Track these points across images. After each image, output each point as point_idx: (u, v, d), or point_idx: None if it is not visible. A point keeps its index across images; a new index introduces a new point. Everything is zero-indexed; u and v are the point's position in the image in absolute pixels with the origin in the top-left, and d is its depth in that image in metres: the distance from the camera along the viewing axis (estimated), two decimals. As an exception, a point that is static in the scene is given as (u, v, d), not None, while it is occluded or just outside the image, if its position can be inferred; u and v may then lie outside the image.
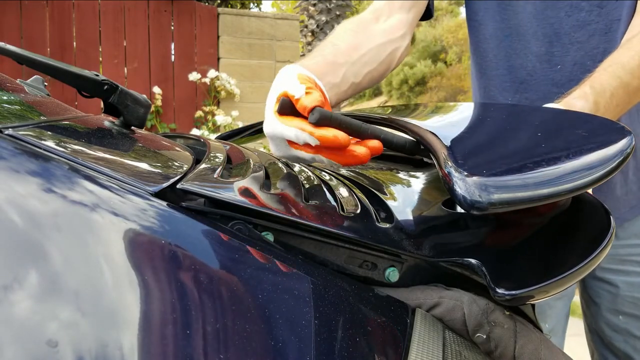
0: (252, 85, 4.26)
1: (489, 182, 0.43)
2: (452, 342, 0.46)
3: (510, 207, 0.44)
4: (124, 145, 0.58)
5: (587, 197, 0.58)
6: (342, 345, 0.38)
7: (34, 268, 0.32)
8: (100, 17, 3.83)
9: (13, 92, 0.68)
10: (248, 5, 5.50)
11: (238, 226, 0.47)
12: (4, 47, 0.63)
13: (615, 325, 1.15)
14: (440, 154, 0.51)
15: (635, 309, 1.11)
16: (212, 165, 0.56)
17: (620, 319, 1.14)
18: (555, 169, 0.46)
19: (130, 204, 0.40)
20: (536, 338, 0.49)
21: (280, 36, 4.36)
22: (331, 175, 0.70)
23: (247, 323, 0.35)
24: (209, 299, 0.35)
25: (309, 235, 0.50)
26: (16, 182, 0.37)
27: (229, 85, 4.06)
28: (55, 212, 0.36)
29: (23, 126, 0.47)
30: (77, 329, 0.30)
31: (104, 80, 0.63)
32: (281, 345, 0.35)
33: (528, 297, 0.44)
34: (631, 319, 1.13)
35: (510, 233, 0.59)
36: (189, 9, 4.09)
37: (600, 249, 0.46)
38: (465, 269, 0.52)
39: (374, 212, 0.56)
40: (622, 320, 1.14)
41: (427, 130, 0.58)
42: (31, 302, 0.30)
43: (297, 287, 0.41)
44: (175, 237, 0.40)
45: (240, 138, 1.13)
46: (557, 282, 0.44)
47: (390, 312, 0.47)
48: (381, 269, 0.52)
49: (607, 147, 0.50)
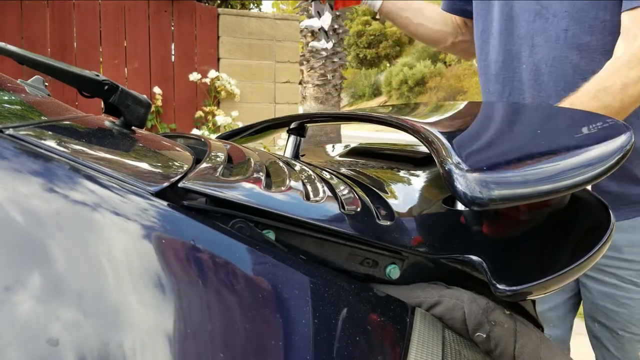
0: (252, 85, 4.26)
1: (490, 178, 0.44)
2: (452, 341, 0.46)
3: (511, 203, 0.44)
4: (125, 145, 0.59)
5: (587, 193, 0.58)
6: (342, 345, 0.38)
7: (34, 267, 0.32)
8: (101, 17, 3.83)
9: (14, 92, 0.68)
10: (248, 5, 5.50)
11: (239, 225, 0.47)
12: (4, 47, 0.63)
13: (592, 332, 1.15)
14: (440, 150, 0.51)
15: (607, 319, 1.09)
16: (213, 165, 0.56)
17: (595, 326, 1.13)
18: (555, 165, 0.46)
19: (131, 204, 0.40)
20: (536, 338, 0.49)
21: (280, 37, 4.36)
22: (332, 173, 0.70)
23: (247, 322, 0.35)
24: (209, 297, 0.35)
25: (310, 234, 0.50)
26: (17, 182, 0.37)
27: (229, 86, 4.06)
28: (55, 211, 0.36)
29: (24, 126, 0.48)
30: (77, 328, 0.30)
31: (104, 81, 0.63)
32: (281, 344, 0.35)
33: (528, 292, 0.44)
34: (602, 328, 1.11)
35: (511, 229, 0.59)
36: (189, 9, 4.09)
37: (599, 245, 0.47)
38: (466, 266, 0.52)
39: (375, 210, 0.56)
40: (597, 328, 1.13)
41: (428, 128, 0.59)
42: (32, 299, 0.30)
43: (298, 286, 0.42)
44: (176, 236, 0.40)
45: (240, 138, 1.13)
46: (557, 278, 0.44)
47: (390, 311, 0.47)
48: (382, 267, 0.53)
49: (607, 144, 0.50)
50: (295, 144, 1.02)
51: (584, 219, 0.56)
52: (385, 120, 0.72)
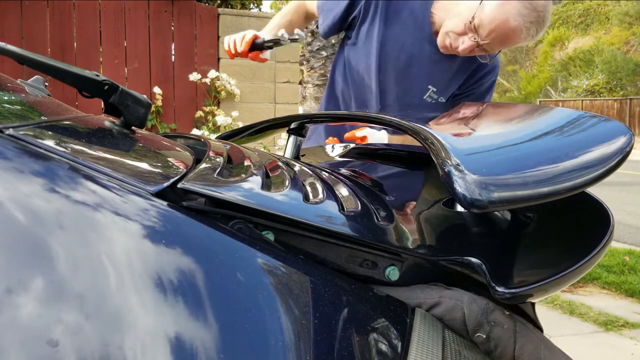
0: (252, 85, 4.26)
1: (489, 180, 0.43)
2: (452, 342, 0.46)
3: (510, 205, 0.44)
4: (125, 145, 0.59)
5: (587, 195, 0.58)
6: (342, 345, 0.38)
7: (33, 267, 0.32)
8: (101, 17, 3.83)
9: (14, 92, 0.68)
10: (248, 5, 5.50)
11: (239, 225, 0.47)
12: (4, 47, 0.63)
13: None
14: (440, 152, 0.51)
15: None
16: (213, 165, 0.56)
17: None
18: (555, 167, 0.46)
19: (130, 204, 0.40)
20: (536, 338, 0.49)
21: (280, 36, 4.35)
22: (331, 174, 0.70)
23: (247, 322, 0.35)
24: (209, 298, 0.35)
25: (309, 235, 0.50)
26: (17, 182, 0.37)
27: (229, 86, 4.05)
28: (55, 211, 0.36)
29: (24, 126, 0.47)
30: (77, 327, 0.30)
31: (104, 81, 0.63)
32: (281, 344, 0.35)
33: (528, 295, 0.44)
34: None
35: (510, 232, 0.59)
36: (189, 9, 4.08)
37: (599, 248, 0.46)
38: (465, 268, 0.52)
39: (374, 211, 0.56)
40: None
41: (427, 130, 0.59)
42: (31, 299, 0.30)
43: (297, 287, 0.41)
44: (176, 237, 0.40)
45: (240, 138, 1.13)
46: (556, 280, 0.44)
47: (390, 311, 0.47)
48: (381, 268, 0.52)
49: (607, 146, 0.50)
50: (295, 144, 1.02)
51: (583, 220, 0.56)
52: (385, 121, 0.72)
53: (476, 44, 1.23)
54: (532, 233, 0.58)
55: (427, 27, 1.35)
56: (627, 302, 3.08)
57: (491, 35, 1.21)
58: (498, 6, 1.18)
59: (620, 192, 7.26)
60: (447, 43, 1.28)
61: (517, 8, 1.17)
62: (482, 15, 1.20)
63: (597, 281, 3.36)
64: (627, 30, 24.10)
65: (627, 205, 6.22)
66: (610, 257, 3.75)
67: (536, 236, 0.57)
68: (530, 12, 1.17)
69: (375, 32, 1.34)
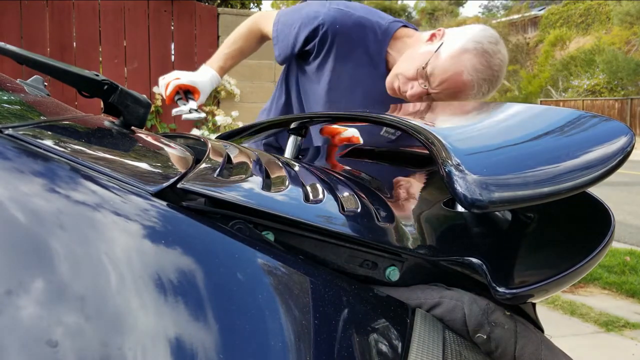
0: (252, 85, 4.26)
1: (490, 180, 0.43)
2: (452, 342, 0.46)
3: (511, 205, 0.44)
4: (124, 145, 0.58)
5: (587, 195, 0.58)
6: (342, 345, 0.38)
7: (32, 266, 0.31)
8: (100, 17, 3.83)
9: (13, 92, 0.68)
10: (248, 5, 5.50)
11: (238, 226, 0.47)
12: (4, 47, 0.63)
13: None
14: (440, 152, 0.51)
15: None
16: (212, 165, 0.56)
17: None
18: (556, 167, 0.46)
19: (130, 204, 0.40)
20: (537, 339, 0.49)
21: (281, 36, 4.35)
22: (331, 174, 0.70)
23: (247, 322, 0.35)
24: (209, 298, 0.35)
25: (309, 235, 0.50)
26: (16, 182, 0.37)
27: (229, 86, 4.06)
28: (54, 212, 0.36)
29: (23, 126, 0.47)
30: (77, 327, 0.30)
31: (104, 80, 0.63)
32: (281, 345, 0.35)
33: (528, 295, 0.44)
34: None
35: (511, 232, 0.59)
36: (189, 9, 4.08)
37: (600, 248, 0.46)
38: (465, 268, 0.51)
39: (375, 211, 0.56)
40: None
41: (428, 130, 0.58)
42: (32, 298, 0.30)
43: (297, 287, 0.41)
44: (176, 237, 0.40)
45: (240, 138, 1.13)
46: (557, 280, 0.44)
47: (390, 312, 0.47)
48: (382, 268, 0.52)
49: (608, 145, 0.49)
50: (295, 144, 1.01)
51: (584, 221, 0.56)
52: (385, 121, 0.71)
53: (425, 91, 1.19)
54: (533, 233, 0.58)
55: (382, 65, 1.31)
56: (628, 303, 3.08)
57: (442, 85, 1.17)
58: (454, 57, 1.15)
59: (621, 192, 7.27)
60: (396, 86, 1.24)
61: (473, 63, 1.13)
62: (436, 63, 1.16)
63: (597, 281, 3.36)
64: (628, 30, 24.11)
65: (627, 205, 6.22)
66: (611, 258, 3.75)
67: (537, 236, 0.57)
68: (486, 69, 1.14)
69: (329, 66, 1.31)
